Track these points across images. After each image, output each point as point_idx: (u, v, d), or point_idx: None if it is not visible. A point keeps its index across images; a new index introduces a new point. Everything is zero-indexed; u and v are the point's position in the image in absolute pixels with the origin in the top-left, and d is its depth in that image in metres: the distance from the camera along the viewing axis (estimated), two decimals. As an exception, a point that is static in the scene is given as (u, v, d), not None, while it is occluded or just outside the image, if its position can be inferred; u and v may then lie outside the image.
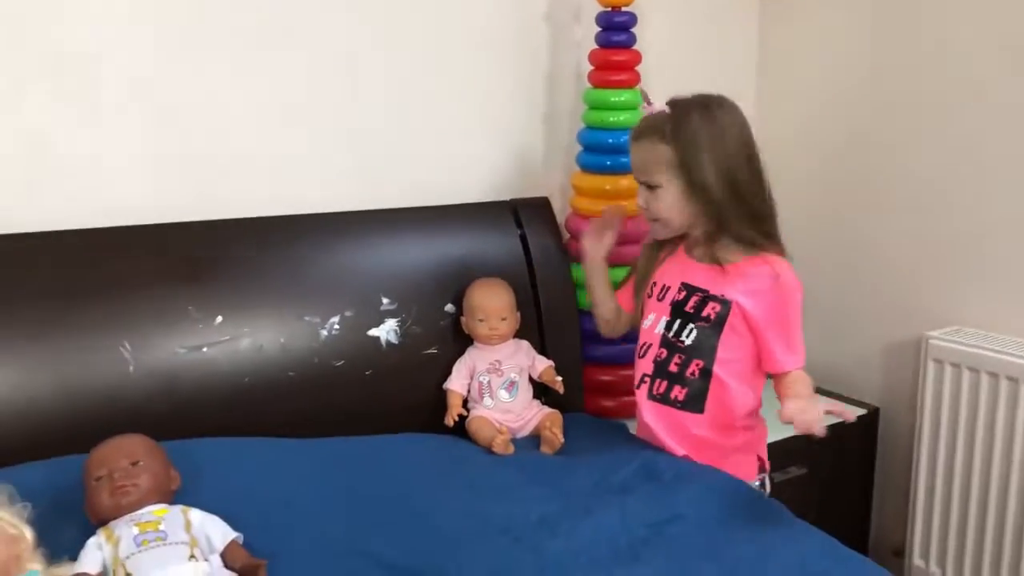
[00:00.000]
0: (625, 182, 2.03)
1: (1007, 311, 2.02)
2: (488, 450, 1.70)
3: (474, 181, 2.13)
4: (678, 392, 1.63)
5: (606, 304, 1.81)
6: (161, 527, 1.24)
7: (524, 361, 1.87)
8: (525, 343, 1.90)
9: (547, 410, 1.85)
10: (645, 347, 1.68)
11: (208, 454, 1.53)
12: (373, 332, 1.82)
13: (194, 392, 1.66)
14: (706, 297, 1.61)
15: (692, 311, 1.62)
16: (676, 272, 1.66)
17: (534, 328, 1.96)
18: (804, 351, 1.61)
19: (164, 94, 1.79)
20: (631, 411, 2.04)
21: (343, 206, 1.92)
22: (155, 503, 1.30)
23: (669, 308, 1.64)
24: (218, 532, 1.30)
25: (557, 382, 1.84)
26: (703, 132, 1.54)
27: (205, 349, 1.68)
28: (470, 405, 1.82)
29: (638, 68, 2.03)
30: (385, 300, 1.84)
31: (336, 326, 1.79)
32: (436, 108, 2.07)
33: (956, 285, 2.10)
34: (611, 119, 2.02)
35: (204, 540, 1.27)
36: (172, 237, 1.74)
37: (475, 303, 1.84)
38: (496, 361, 1.83)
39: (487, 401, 1.81)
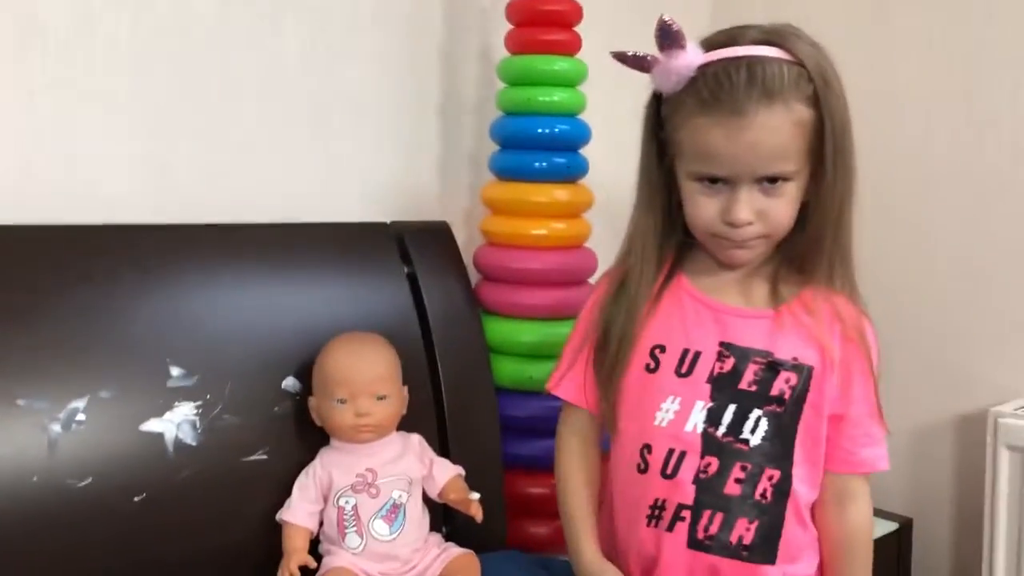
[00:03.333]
0: (563, 194, 1.39)
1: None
2: (354, 632, 0.98)
3: (340, 198, 1.46)
4: (743, 530, 0.97)
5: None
6: None
7: (415, 469, 1.15)
8: (416, 437, 1.21)
9: (454, 550, 1.15)
10: (673, 457, 0.98)
11: None
12: (151, 426, 1.11)
13: None
14: (773, 364, 0.98)
15: (753, 388, 0.98)
16: (698, 325, 1.01)
17: (429, 415, 1.30)
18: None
19: None
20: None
21: (124, 217, 1.22)
22: None
23: (708, 388, 0.98)
24: None
25: (472, 503, 1.14)
26: (840, 87, 0.97)
27: None
28: (323, 548, 1.14)
29: (578, 28, 1.40)
30: (176, 370, 1.14)
31: (80, 416, 1.07)
32: (285, 94, 1.40)
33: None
34: (541, 98, 1.38)
35: None
36: None
37: (333, 373, 1.14)
38: (368, 471, 1.14)
39: (352, 540, 1.11)
